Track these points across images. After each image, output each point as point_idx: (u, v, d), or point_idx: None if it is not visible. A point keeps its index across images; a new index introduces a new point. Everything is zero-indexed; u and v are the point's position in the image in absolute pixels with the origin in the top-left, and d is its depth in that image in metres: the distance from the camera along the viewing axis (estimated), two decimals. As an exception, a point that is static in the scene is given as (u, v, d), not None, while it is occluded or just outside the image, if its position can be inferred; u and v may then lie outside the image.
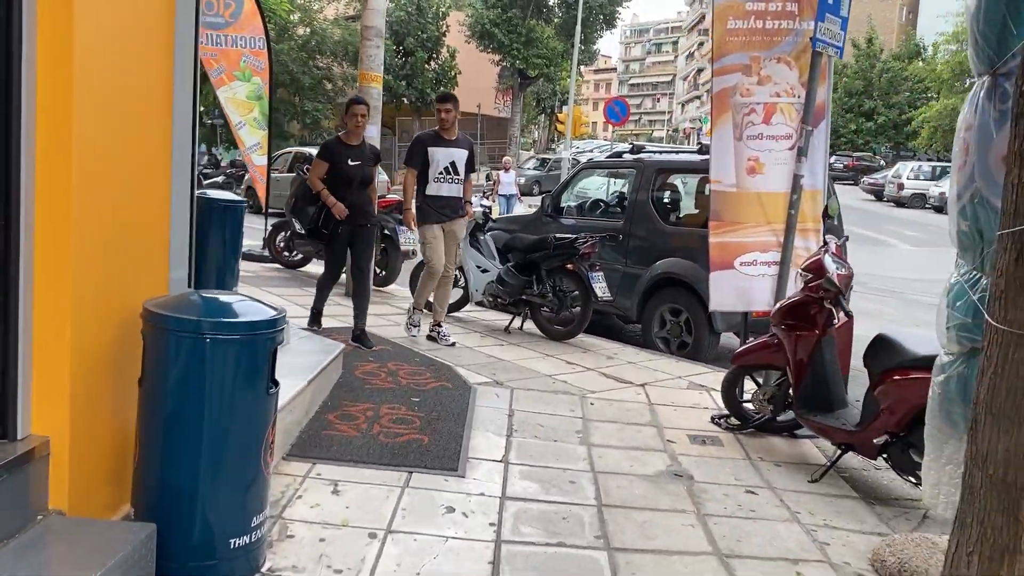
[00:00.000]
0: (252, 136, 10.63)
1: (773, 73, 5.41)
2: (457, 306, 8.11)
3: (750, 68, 5.41)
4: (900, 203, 30.67)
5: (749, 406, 5.12)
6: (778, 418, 4.96)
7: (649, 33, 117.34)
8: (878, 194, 33.41)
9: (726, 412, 5.15)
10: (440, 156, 6.54)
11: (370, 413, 4.70)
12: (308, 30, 33.92)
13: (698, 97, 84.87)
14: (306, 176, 10.59)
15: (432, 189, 6.56)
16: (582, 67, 40.36)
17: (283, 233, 10.53)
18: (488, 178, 29.49)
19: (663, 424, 5.13)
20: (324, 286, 6.56)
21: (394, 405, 4.90)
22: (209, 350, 2.65)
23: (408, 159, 6.62)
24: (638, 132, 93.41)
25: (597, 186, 12.58)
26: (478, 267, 7.76)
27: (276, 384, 2.83)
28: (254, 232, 10.78)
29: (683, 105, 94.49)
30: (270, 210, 11.02)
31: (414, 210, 6.69)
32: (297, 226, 9.83)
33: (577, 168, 9.49)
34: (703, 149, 7.44)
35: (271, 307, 2.87)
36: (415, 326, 6.90)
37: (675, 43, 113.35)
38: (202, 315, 2.69)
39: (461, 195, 6.71)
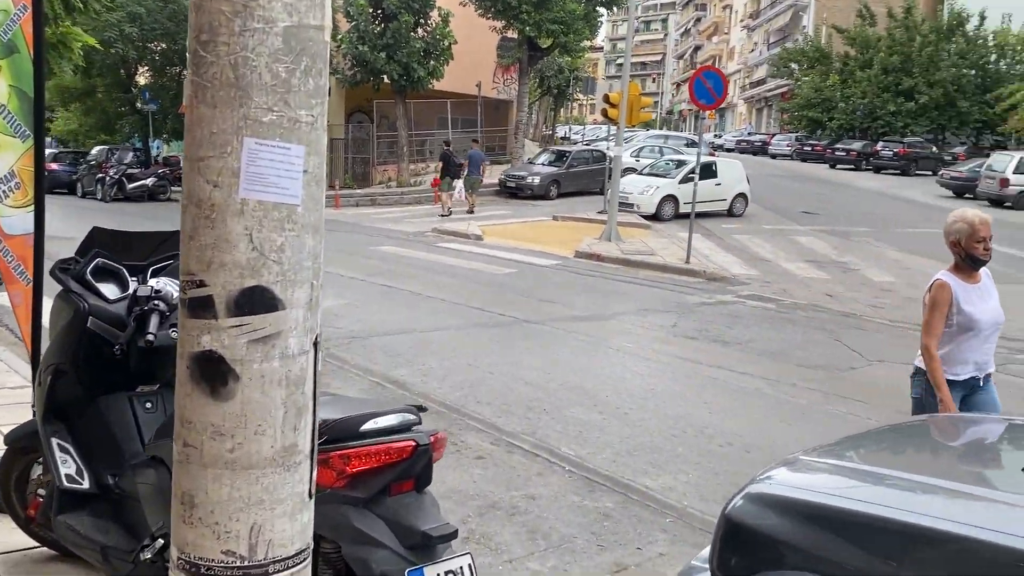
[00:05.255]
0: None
1: None
2: None
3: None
4: (1000, 202, 24.56)
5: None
6: None
7: (636, 10, 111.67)
8: (959, 190, 27.48)
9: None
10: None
11: None
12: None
13: (697, 76, 78.66)
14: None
15: None
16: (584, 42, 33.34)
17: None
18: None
19: None
20: None
21: None
22: None
23: None
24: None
25: None
26: None
27: None
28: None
29: (677, 86, 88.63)
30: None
31: None
32: (62, 471, 2.94)
33: None
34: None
35: None
36: None
37: (664, 20, 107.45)
38: None
39: None
